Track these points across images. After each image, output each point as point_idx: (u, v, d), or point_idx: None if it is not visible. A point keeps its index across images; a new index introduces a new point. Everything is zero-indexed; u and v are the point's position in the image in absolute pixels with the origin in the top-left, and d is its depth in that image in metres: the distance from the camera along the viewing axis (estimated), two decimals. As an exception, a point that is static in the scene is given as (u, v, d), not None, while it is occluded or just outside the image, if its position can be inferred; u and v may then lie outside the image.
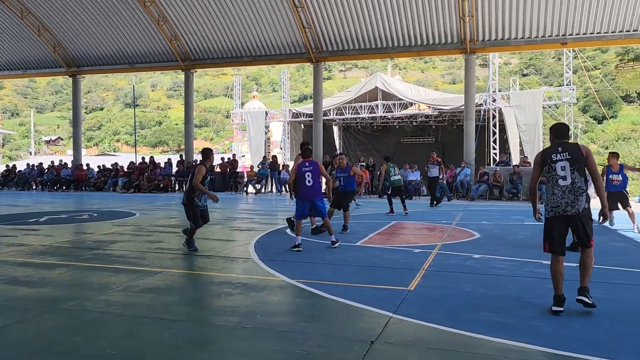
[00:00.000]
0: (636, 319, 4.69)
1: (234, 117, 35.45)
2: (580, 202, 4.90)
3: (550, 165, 5.05)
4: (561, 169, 4.98)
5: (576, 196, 4.91)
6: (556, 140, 5.18)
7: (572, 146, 5.06)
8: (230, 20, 22.24)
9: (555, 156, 5.03)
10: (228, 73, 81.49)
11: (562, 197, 4.95)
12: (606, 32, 19.12)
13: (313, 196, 8.62)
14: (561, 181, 4.97)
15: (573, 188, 4.92)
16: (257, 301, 5.28)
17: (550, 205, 5.04)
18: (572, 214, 4.90)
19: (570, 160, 4.96)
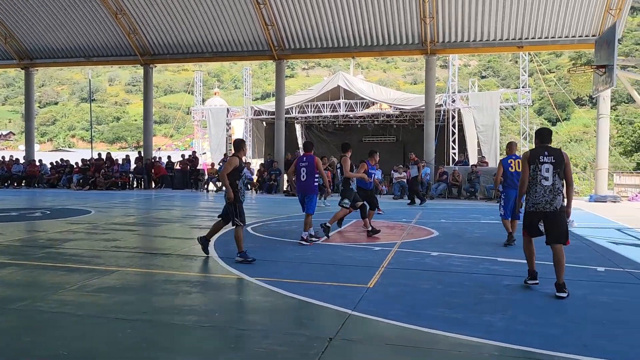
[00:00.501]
0: (584, 313, 4.88)
1: (195, 113, 34.91)
2: (558, 201, 5.51)
3: (537, 166, 5.58)
4: (546, 171, 5.54)
5: (555, 195, 5.50)
6: (541, 144, 5.71)
7: (557, 151, 5.63)
8: (192, 15, 21.87)
9: (542, 158, 5.58)
10: (189, 69, 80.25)
11: (543, 195, 5.53)
12: (560, 37, 19.78)
13: (304, 191, 8.69)
14: (544, 181, 5.54)
15: (553, 188, 5.51)
16: (216, 299, 5.22)
17: (531, 201, 5.62)
18: (550, 210, 5.51)
19: (554, 163, 5.54)
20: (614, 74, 8.70)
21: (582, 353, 3.83)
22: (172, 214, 13.66)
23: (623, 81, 9.33)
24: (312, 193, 8.72)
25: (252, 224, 11.01)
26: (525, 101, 28.31)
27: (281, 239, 9.06)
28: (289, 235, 9.43)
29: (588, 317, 4.74)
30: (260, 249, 8.06)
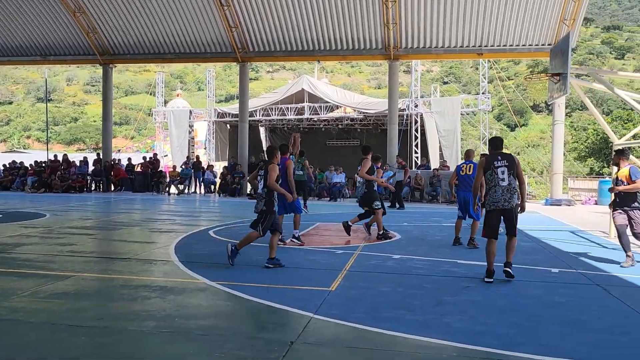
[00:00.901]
0: (540, 313, 5.01)
1: (157, 115, 34.33)
2: (514, 199, 6.31)
3: (494, 170, 6.36)
4: (501, 173, 6.32)
5: (511, 194, 6.30)
6: (494, 151, 6.55)
7: (508, 155, 6.48)
8: (153, 15, 21.49)
9: (497, 163, 6.37)
10: (151, 70, 78.83)
11: (502, 194, 6.30)
12: (517, 45, 20.38)
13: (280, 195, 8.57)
14: (501, 182, 6.32)
15: (510, 188, 6.30)
16: (176, 304, 5.12)
17: (492, 200, 6.35)
18: (507, 207, 6.29)
19: (507, 166, 6.33)
20: (568, 82, 9.00)
21: (538, 352, 3.93)
22: (132, 217, 13.35)
23: (576, 89, 9.67)
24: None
25: (215, 227, 10.87)
26: (485, 107, 29.06)
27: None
28: (260, 240, 9.34)
29: (543, 317, 4.87)
30: (222, 253, 7.96)
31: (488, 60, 28.76)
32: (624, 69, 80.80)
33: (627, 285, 6.26)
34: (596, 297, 5.66)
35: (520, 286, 6.09)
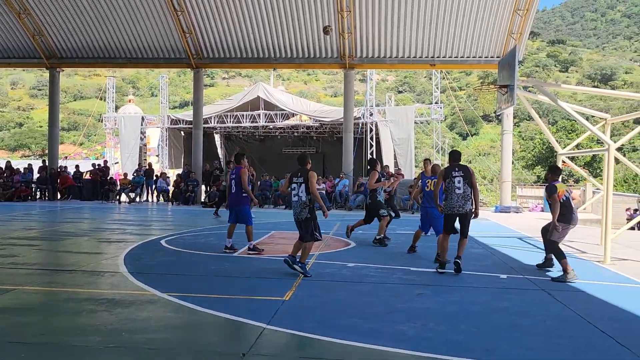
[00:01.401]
0: (488, 319, 5.14)
1: (107, 121, 33.34)
2: (467, 205, 7.31)
3: (451, 179, 7.35)
4: (457, 182, 7.31)
5: (465, 201, 7.31)
6: (453, 163, 7.57)
7: (464, 167, 7.49)
8: (104, 19, 20.89)
9: (454, 173, 7.37)
10: (102, 74, 76.63)
11: (457, 201, 7.32)
12: (468, 57, 21.00)
13: (232, 204, 8.72)
14: (457, 190, 7.31)
15: (464, 195, 7.30)
16: (123, 318, 4.96)
17: (448, 206, 7.37)
18: (462, 212, 7.31)
19: (463, 176, 7.33)
20: (515, 93, 9.33)
21: (485, 357, 4.02)
22: (79, 227, 12.88)
23: (523, 100, 10.03)
24: (241, 205, 8.66)
25: (167, 236, 10.62)
26: (437, 116, 29.74)
27: (197, 252, 8.79)
28: (205, 248, 9.19)
29: (491, 323, 5.00)
30: (174, 263, 7.80)
31: (440, 70, 29.48)
32: (567, 82, 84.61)
33: (570, 289, 6.51)
34: (541, 301, 5.86)
35: (470, 292, 6.23)
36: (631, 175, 38.41)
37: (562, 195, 7.41)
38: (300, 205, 6.83)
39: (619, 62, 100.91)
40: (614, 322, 5.06)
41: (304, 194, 6.81)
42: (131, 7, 20.34)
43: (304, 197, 6.81)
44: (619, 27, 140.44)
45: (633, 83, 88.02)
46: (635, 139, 60.31)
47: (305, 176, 6.83)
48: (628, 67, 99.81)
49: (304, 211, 6.81)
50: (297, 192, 6.88)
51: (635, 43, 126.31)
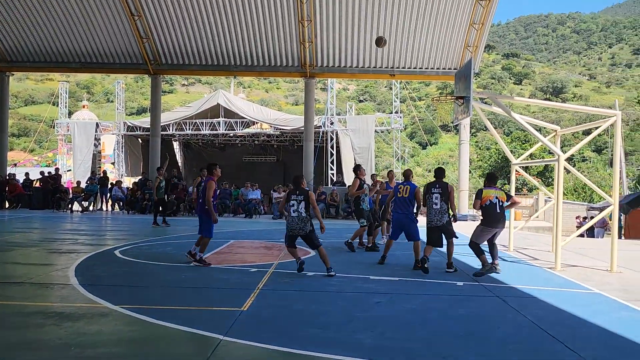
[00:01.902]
0: (445, 326, 5.20)
1: (60, 127, 32.28)
2: (444, 218, 8.15)
3: (430, 195, 8.20)
4: (435, 198, 8.15)
5: (442, 215, 8.15)
6: (435, 179, 8.39)
7: (443, 184, 8.26)
8: (57, 22, 20.28)
9: (433, 190, 8.23)
10: (55, 79, 74.28)
11: (434, 215, 8.19)
12: (427, 68, 21.47)
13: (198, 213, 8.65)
14: (434, 206, 8.16)
15: (441, 210, 8.15)
16: (73, 332, 4.76)
17: (428, 219, 8.25)
18: (439, 225, 8.18)
19: (441, 193, 8.16)
20: (471, 104, 9.56)
21: (442, 365, 4.06)
22: (29, 237, 12.35)
23: (478, 112, 10.29)
24: (204, 216, 8.43)
25: (121, 246, 10.32)
26: (397, 126, 30.21)
27: (152, 262, 8.57)
28: (161, 258, 8.97)
29: (448, 330, 5.06)
30: (128, 274, 7.57)
31: (400, 81, 30.00)
32: (521, 94, 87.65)
33: (523, 296, 6.68)
34: (496, 308, 5.98)
35: (427, 300, 6.31)
36: (581, 185, 39.97)
37: (486, 200, 7.98)
38: (303, 220, 7.60)
39: (568, 76, 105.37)
40: (563, 327, 5.21)
41: (304, 210, 7.58)
42: (86, 11, 19.84)
43: (304, 213, 7.60)
44: (568, 43, 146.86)
45: (582, 96, 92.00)
46: (585, 150, 62.94)
47: (306, 195, 7.66)
48: (577, 81, 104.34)
49: (307, 225, 7.62)
50: (297, 208, 7.59)
51: (583, 58, 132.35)
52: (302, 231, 7.61)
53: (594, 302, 6.47)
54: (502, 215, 8.01)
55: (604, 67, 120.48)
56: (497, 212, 7.93)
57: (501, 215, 7.99)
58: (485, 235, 8.11)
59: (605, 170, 52.76)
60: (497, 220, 7.95)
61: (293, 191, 7.78)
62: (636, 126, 70.04)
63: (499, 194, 8.05)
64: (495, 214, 7.93)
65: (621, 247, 9.94)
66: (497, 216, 7.93)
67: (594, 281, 7.74)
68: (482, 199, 7.99)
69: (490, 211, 7.94)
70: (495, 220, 7.94)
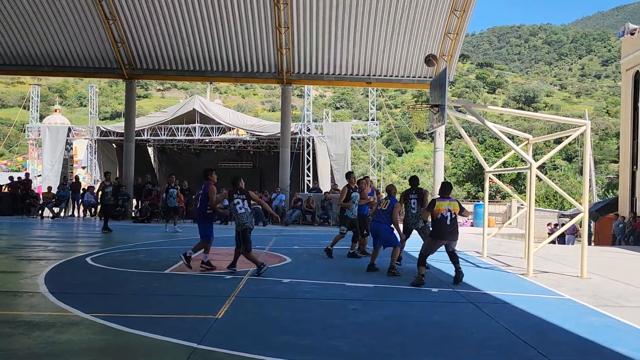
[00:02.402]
0: (420, 332, 5.24)
1: (31, 131, 31.56)
2: (419, 223, 9.17)
3: (408, 201, 9.30)
4: (413, 204, 9.25)
5: (418, 219, 9.14)
6: (411, 187, 9.49)
7: (420, 190, 9.35)
8: (29, 24, 19.84)
9: (410, 196, 9.31)
10: (26, 82, 72.67)
11: (411, 219, 9.26)
12: (403, 77, 21.67)
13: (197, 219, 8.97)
14: (412, 210, 9.22)
15: (417, 214, 9.13)
16: (42, 341, 4.64)
17: (405, 222, 9.32)
18: (417, 228, 9.21)
19: (417, 199, 9.23)
20: (446, 113, 9.69)
21: (417, 371, 4.08)
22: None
23: (453, 120, 10.44)
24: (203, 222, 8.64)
25: (93, 253, 10.12)
26: (374, 133, 30.39)
27: (125, 269, 8.42)
28: (134, 265, 8.83)
29: (423, 336, 5.10)
30: (100, 282, 7.43)
31: (377, 88, 30.22)
32: (495, 103, 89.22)
33: (497, 302, 6.77)
34: (470, 314, 6.05)
35: (403, 307, 6.34)
36: (552, 192, 40.83)
37: (438, 213, 7.79)
38: (251, 215, 8.06)
39: (540, 86, 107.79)
40: (535, 332, 5.30)
41: (249, 207, 8.00)
42: (59, 14, 19.46)
43: (250, 209, 8.04)
44: (540, 53, 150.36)
45: (553, 105, 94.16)
46: (556, 158, 64.33)
47: (247, 193, 8.08)
48: (549, 91, 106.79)
49: (253, 220, 8.16)
50: (243, 205, 7.95)
51: (554, 68, 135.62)
52: (253, 226, 8.06)
53: (565, 308, 6.60)
54: (452, 227, 7.84)
55: (574, 77, 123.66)
56: (447, 225, 7.78)
57: (452, 227, 7.83)
58: (435, 247, 7.98)
59: (575, 178, 54.04)
60: (447, 232, 7.80)
61: (234, 191, 8.07)
62: (605, 135, 71.99)
63: (452, 205, 7.86)
64: (445, 227, 7.78)
65: (591, 254, 10.17)
66: (447, 229, 7.78)
67: (565, 287, 7.90)
68: (434, 212, 7.83)
69: (440, 224, 7.80)
70: (445, 233, 7.79)
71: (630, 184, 22.30)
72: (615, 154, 58.49)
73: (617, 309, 6.49)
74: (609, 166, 64.34)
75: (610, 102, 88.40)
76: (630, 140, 22.67)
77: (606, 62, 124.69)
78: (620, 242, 19.44)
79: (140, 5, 19.22)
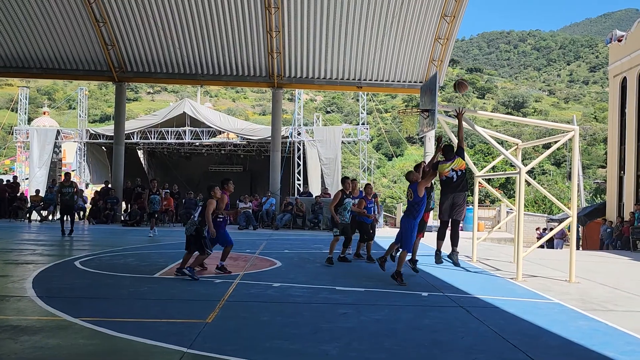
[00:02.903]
0: (410, 337, 5.25)
1: (19, 133, 31.29)
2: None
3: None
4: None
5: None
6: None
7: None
8: (17, 26, 19.70)
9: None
10: (14, 84, 72.01)
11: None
12: (393, 81, 21.79)
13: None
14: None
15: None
16: (30, 346, 4.59)
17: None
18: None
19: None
20: (436, 117, 9.75)
21: (407, 375, 4.09)
22: (-17, 247, 11.88)
23: (443, 124, 10.51)
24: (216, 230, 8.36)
25: (81, 257, 10.04)
26: (364, 137, 30.46)
27: (114, 273, 8.37)
28: (123, 269, 8.77)
29: (413, 340, 5.11)
30: (89, 286, 7.37)
31: (367, 93, 30.33)
32: (484, 108, 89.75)
33: (486, 306, 6.80)
34: (460, 318, 6.07)
35: (393, 311, 6.35)
36: (541, 197, 41.13)
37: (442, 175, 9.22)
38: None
39: (529, 91, 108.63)
40: (524, 336, 5.33)
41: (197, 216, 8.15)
42: (49, 16, 19.36)
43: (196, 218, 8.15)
44: (529, 59, 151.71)
45: (542, 111, 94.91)
46: (545, 163, 64.84)
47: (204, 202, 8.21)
48: (537, 96, 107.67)
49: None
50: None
51: (543, 74, 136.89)
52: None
53: (553, 312, 6.64)
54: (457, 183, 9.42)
55: (562, 83, 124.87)
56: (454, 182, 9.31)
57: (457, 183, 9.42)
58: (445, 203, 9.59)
59: (564, 182, 54.49)
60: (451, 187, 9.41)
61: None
62: (593, 141, 72.72)
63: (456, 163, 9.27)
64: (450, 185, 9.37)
65: (579, 258, 10.25)
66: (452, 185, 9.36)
67: (554, 291, 7.96)
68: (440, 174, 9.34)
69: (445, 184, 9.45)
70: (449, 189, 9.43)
71: (617, 189, 22.56)
72: (603, 159, 59.12)
73: (605, 313, 6.55)
74: (597, 171, 64.98)
75: (597, 107, 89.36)
76: (618, 146, 22.95)
77: (594, 69, 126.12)
78: (608, 247, 19.63)
79: (131, 7, 19.17)
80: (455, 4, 18.84)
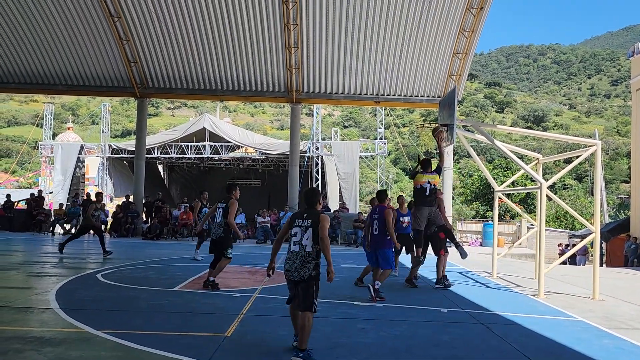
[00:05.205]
0: (429, 353, 5.20)
1: (43, 148, 31.98)
2: None
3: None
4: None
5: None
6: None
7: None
8: (44, 44, 20.26)
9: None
10: (39, 100, 73.79)
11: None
12: (411, 96, 21.79)
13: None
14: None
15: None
16: (53, 357, 4.66)
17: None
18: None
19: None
20: (454, 132, 9.72)
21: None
22: (8, 260, 12.13)
23: (461, 139, 10.48)
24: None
25: (103, 270, 10.18)
26: (382, 152, 30.47)
27: (135, 286, 8.46)
28: (144, 282, 8.86)
29: (433, 357, 5.06)
30: (111, 298, 7.46)
31: (385, 107, 30.38)
32: (503, 122, 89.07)
33: (507, 323, 6.71)
34: (480, 335, 6.00)
35: (412, 326, 6.30)
36: (562, 212, 40.47)
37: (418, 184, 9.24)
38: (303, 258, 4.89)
39: (549, 105, 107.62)
40: (547, 354, 5.25)
41: (310, 242, 4.86)
42: (74, 33, 19.88)
43: (310, 247, 4.86)
44: (549, 73, 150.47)
45: (563, 125, 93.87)
46: (566, 178, 63.93)
47: (316, 220, 4.89)
48: (558, 110, 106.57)
49: (307, 266, 4.87)
50: (301, 239, 4.92)
51: (564, 88, 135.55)
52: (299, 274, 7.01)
53: (577, 330, 6.52)
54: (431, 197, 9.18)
55: (583, 97, 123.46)
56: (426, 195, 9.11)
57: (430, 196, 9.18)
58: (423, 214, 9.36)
59: (586, 198, 53.59)
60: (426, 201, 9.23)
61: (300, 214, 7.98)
62: (616, 155, 71.57)
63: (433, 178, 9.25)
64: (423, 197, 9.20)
65: (602, 275, 10.07)
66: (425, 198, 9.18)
67: (577, 308, 7.82)
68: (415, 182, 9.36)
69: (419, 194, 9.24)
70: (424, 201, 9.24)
71: (641, 204, 22.06)
72: (626, 174, 58.07)
73: (630, 331, 6.41)
74: (620, 186, 63.85)
75: (620, 121, 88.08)
76: (642, 160, 22.50)
77: (616, 82, 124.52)
78: (632, 264, 19.19)
79: (154, 25, 19.59)
80: (473, 18, 18.85)
